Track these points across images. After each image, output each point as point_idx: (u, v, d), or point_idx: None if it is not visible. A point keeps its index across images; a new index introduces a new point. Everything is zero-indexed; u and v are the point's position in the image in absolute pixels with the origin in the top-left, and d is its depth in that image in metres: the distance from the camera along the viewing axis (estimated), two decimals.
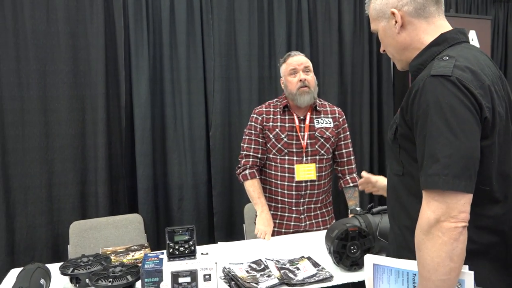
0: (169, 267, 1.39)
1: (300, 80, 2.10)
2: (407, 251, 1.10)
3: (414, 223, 1.02)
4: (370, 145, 3.39)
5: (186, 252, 1.47)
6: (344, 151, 2.26)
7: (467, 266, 0.97)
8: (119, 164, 2.78)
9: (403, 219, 1.13)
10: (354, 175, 2.28)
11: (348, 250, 1.60)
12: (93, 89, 2.68)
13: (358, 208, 2.14)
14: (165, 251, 1.49)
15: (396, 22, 1.14)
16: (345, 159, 2.27)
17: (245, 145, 2.21)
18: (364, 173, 1.70)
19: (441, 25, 1.13)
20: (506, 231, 1.07)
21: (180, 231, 1.50)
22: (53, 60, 2.60)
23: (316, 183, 2.17)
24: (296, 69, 2.13)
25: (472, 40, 3.50)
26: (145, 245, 1.93)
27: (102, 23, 2.66)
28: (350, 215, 2.10)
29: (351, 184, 2.25)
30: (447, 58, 1.03)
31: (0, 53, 2.50)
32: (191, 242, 1.48)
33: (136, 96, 2.76)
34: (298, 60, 2.15)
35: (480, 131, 0.97)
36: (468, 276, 0.98)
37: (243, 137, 2.24)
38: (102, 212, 2.68)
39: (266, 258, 1.73)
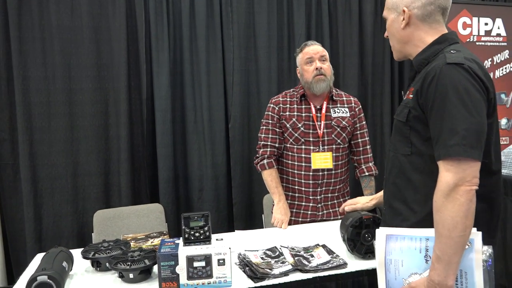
0: (185, 251, 1.42)
1: (316, 69, 2.11)
2: (411, 222, 1.26)
3: (423, 197, 1.23)
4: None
5: (201, 237, 1.50)
6: (360, 140, 2.25)
7: (475, 228, 1.12)
8: (140, 155, 2.84)
9: (410, 195, 1.29)
10: (370, 164, 2.26)
11: (362, 238, 1.59)
12: (115, 82, 2.75)
13: None
14: (181, 237, 1.53)
15: (403, 19, 1.31)
16: (361, 149, 2.26)
17: (263, 135, 2.23)
18: (346, 208, 1.77)
19: (441, 30, 1.32)
20: (494, 198, 1.25)
21: (196, 217, 1.53)
22: (77, 54, 2.68)
23: (333, 172, 2.17)
24: (313, 58, 2.14)
25: (499, 28, 3.40)
26: (164, 232, 1.98)
27: (124, 17, 2.72)
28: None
29: (367, 174, 2.24)
30: (455, 51, 1.21)
31: (27, 48, 2.59)
32: (206, 228, 1.51)
33: (157, 88, 2.82)
34: (314, 49, 2.16)
35: (486, 111, 1.15)
36: (477, 236, 1.14)
37: (261, 127, 2.25)
38: (124, 202, 2.76)
39: (281, 246, 1.74)
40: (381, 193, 1.66)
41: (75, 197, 2.73)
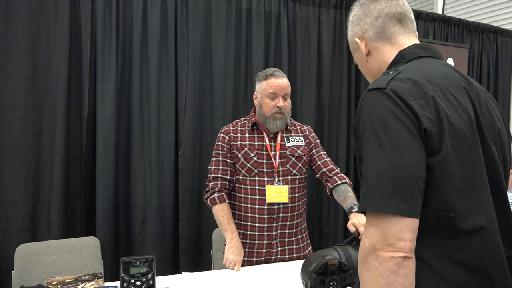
0: None
1: (277, 106, 2.00)
2: None
3: None
4: (346, 170, 3.27)
5: (143, 286, 1.27)
6: (320, 162, 2.11)
7: None
8: (77, 181, 2.53)
9: None
10: (341, 175, 2.08)
11: (327, 286, 1.44)
12: (52, 99, 2.45)
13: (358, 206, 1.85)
14: (118, 284, 1.29)
15: (363, 51, 1.13)
16: (325, 169, 2.09)
17: (213, 167, 2.07)
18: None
19: (404, 43, 1.08)
20: (488, 268, 0.91)
21: (138, 262, 1.30)
22: (9, 65, 2.36)
23: (290, 205, 2.04)
24: (277, 95, 2.01)
25: None
26: (98, 274, 1.71)
27: (67, 28, 2.45)
28: (351, 215, 1.79)
29: (339, 182, 2.02)
30: (391, 72, 0.98)
31: None
32: (149, 276, 1.29)
33: (100, 108, 2.55)
34: (280, 85, 2.01)
35: (420, 146, 0.87)
36: None
37: (211, 159, 2.10)
38: (54, 234, 2.41)
39: None
40: None
41: None
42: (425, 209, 0.87)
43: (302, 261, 1.58)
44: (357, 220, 1.68)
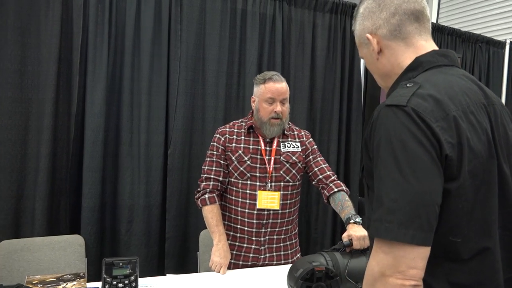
0: None
1: (275, 111, 1.96)
2: None
3: None
4: (337, 175, 3.25)
5: None
6: (316, 169, 2.07)
7: None
8: (63, 178, 2.48)
9: None
10: (337, 182, 2.05)
11: None
12: (41, 93, 2.40)
13: (356, 217, 1.77)
14: (100, 285, 1.26)
15: (373, 48, 1.04)
16: (321, 176, 2.05)
17: (206, 168, 2.04)
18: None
19: (421, 46, 1.01)
20: None
21: (121, 264, 1.27)
22: None
23: (280, 212, 2.01)
24: (275, 99, 1.97)
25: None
26: (81, 274, 1.67)
27: (58, 21, 2.40)
28: (349, 226, 1.75)
29: (336, 190, 1.99)
30: (411, 84, 0.91)
31: None
32: (132, 278, 1.26)
33: (89, 104, 2.50)
34: (278, 89, 1.97)
35: (440, 171, 0.83)
36: None
37: (205, 158, 2.07)
38: (38, 231, 2.36)
39: None
40: None
41: None
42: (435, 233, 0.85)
43: (289, 266, 1.57)
44: (354, 232, 1.65)
